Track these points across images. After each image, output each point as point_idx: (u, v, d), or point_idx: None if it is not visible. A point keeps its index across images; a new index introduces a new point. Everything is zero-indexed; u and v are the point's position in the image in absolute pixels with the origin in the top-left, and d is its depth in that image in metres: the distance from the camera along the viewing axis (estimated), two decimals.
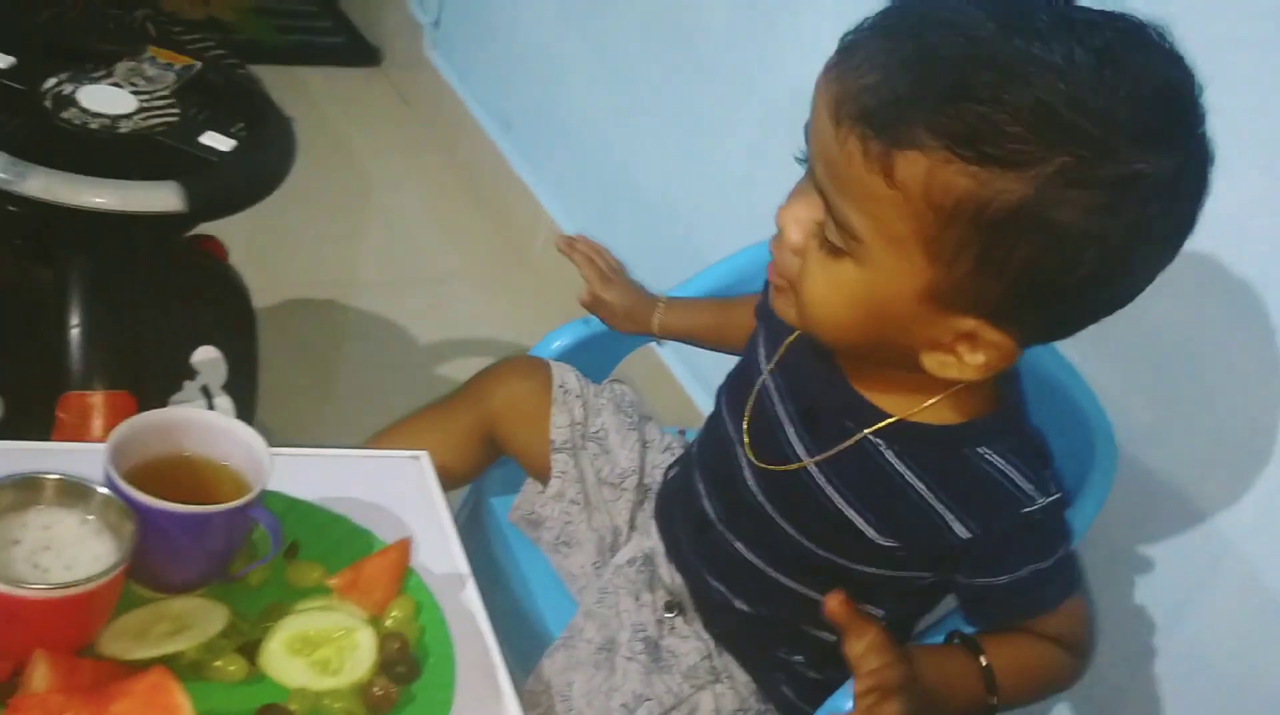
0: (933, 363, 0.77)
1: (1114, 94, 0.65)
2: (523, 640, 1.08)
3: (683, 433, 1.19)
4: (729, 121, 1.62)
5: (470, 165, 2.29)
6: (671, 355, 1.76)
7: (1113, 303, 0.74)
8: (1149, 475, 1.09)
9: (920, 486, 0.84)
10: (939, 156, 0.67)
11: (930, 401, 0.83)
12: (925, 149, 0.67)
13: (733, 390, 0.99)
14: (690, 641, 1.00)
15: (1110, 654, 1.15)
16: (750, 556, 0.95)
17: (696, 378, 1.71)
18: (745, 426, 0.95)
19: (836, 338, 0.81)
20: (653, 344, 1.39)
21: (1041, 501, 0.83)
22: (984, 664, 0.85)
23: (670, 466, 1.11)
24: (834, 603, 0.78)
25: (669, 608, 1.02)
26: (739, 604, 0.98)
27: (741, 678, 1.00)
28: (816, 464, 0.88)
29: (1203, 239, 0.84)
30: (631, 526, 1.10)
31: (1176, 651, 1.09)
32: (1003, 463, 0.83)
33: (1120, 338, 1.11)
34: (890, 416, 0.85)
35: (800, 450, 0.90)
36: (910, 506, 0.84)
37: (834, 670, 0.99)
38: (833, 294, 0.76)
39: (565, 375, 1.12)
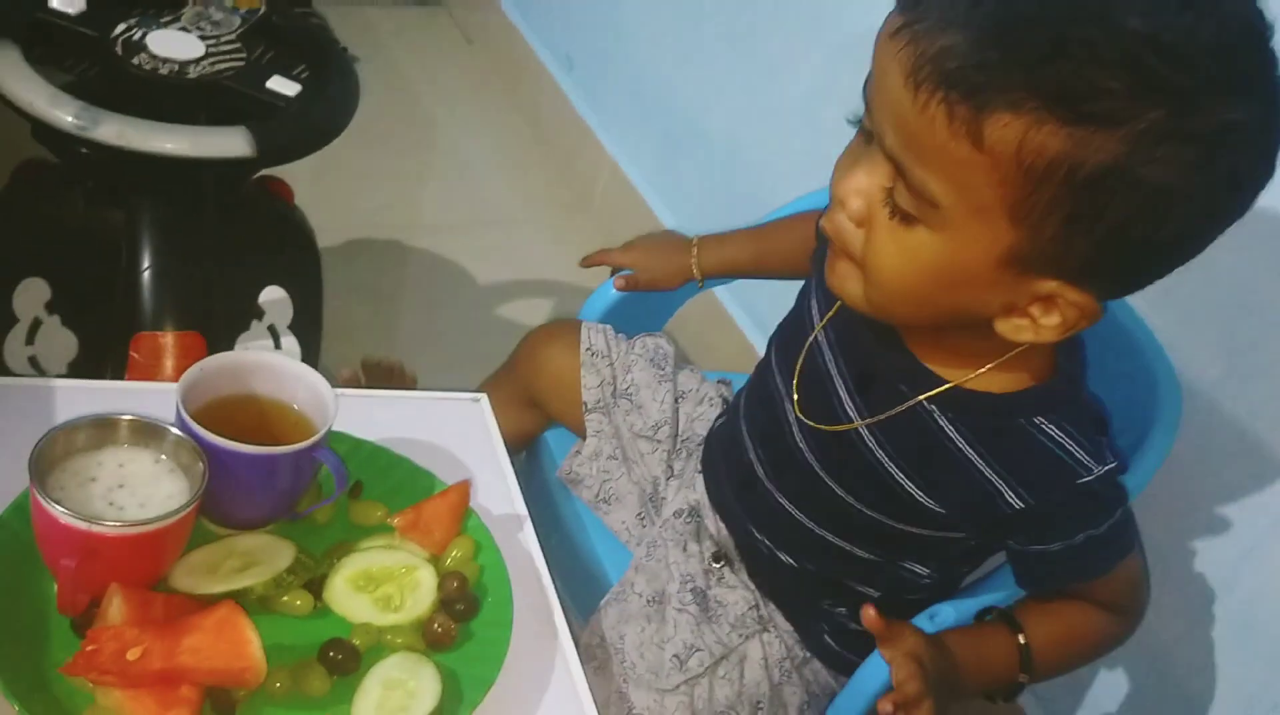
0: (1007, 328, 0.76)
1: (1201, 43, 0.63)
2: (581, 590, 1.10)
3: (726, 382, 1.19)
4: (794, 62, 1.60)
5: (533, 105, 2.28)
6: (730, 299, 1.75)
7: (1194, 253, 0.73)
8: (1214, 429, 1.07)
9: (973, 455, 0.83)
10: (1032, 118, 0.64)
11: (987, 367, 0.82)
12: (1019, 111, 0.64)
13: (783, 342, 0.99)
14: (738, 591, 1.01)
15: (1165, 608, 1.14)
16: (795, 513, 0.96)
17: (755, 322, 1.71)
18: (795, 382, 0.94)
19: (906, 312, 0.78)
20: (715, 292, 1.39)
21: (1097, 471, 0.82)
22: (1021, 642, 0.85)
23: (718, 417, 1.11)
24: (868, 616, 0.81)
25: (716, 558, 1.03)
26: (783, 557, 0.99)
27: (785, 627, 1.01)
28: (867, 426, 0.88)
29: (1276, 185, 0.82)
30: (670, 475, 1.10)
31: (1233, 608, 1.08)
32: (1058, 433, 0.82)
33: (1189, 287, 1.07)
34: (946, 382, 0.83)
35: (852, 412, 0.89)
36: (962, 474, 0.84)
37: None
38: (905, 264, 0.73)
39: (594, 336, 1.13)
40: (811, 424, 0.92)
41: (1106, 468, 0.82)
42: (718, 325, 1.75)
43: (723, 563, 1.02)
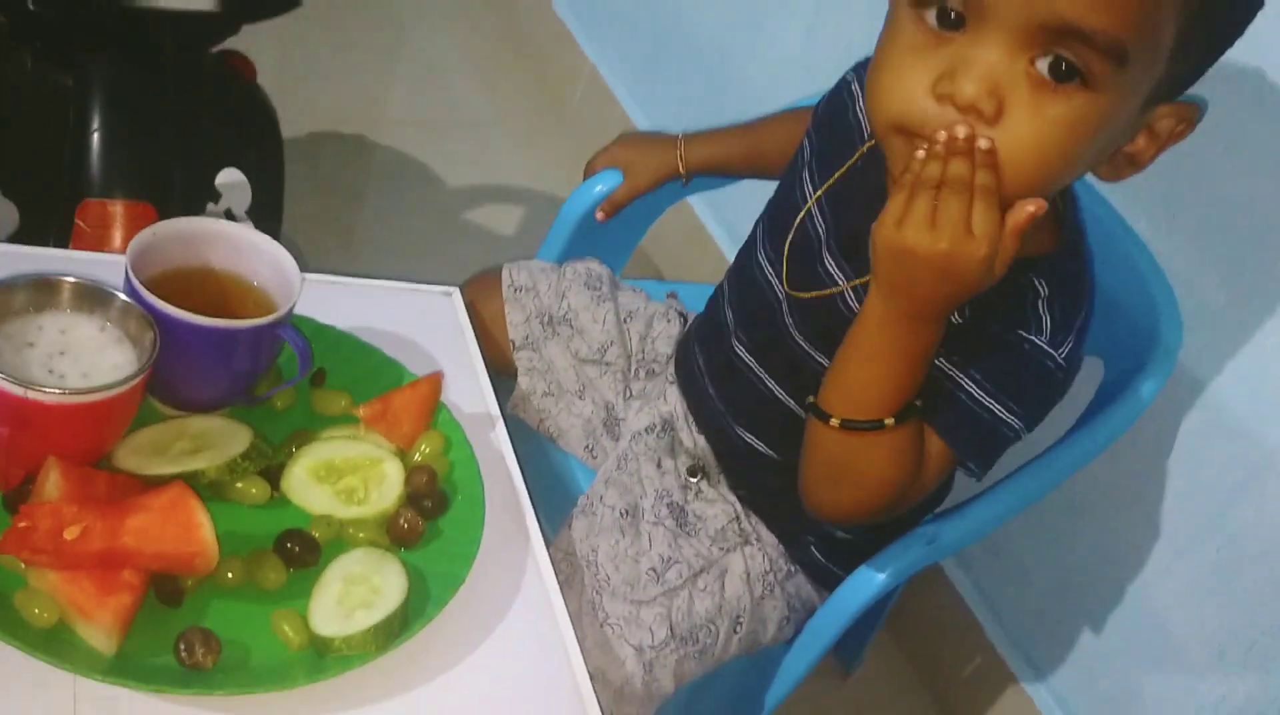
0: (1109, 171, 0.76)
1: None
2: (545, 501, 1.05)
3: (673, 294, 1.14)
4: None
5: (509, 4, 2.19)
6: (706, 212, 1.70)
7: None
8: (1213, 360, 1.05)
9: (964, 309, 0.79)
10: None
11: None
12: None
13: (772, 219, 0.95)
14: (717, 505, 0.98)
15: (1150, 539, 1.13)
16: (780, 395, 0.93)
17: (731, 235, 1.66)
18: (785, 257, 0.91)
19: (1039, 188, 0.71)
20: (690, 202, 1.34)
21: (1041, 341, 0.78)
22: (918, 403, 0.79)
23: (693, 322, 1.07)
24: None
25: (692, 472, 0.99)
26: (765, 450, 0.96)
27: (769, 539, 0.98)
28: (852, 289, 0.85)
29: None
30: (628, 396, 1.06)
31: (1219, 544, 1.07)
32: (1040, 288, 0.79)
33: (1195, 212, 1.05)
34: None
35: (838, 276, 0.86)
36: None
37: (865, 530, 0.97)
38: (1061, 135, 0.68)
39: (516, 274, 1.08)
40: (797, 294, 0.89)
41: (1049, 348, 0.78)
42: (694, 238, 1.70)
43: (699, 476, 0.99)
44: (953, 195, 0.68)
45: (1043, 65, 0.67)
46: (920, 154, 0.69)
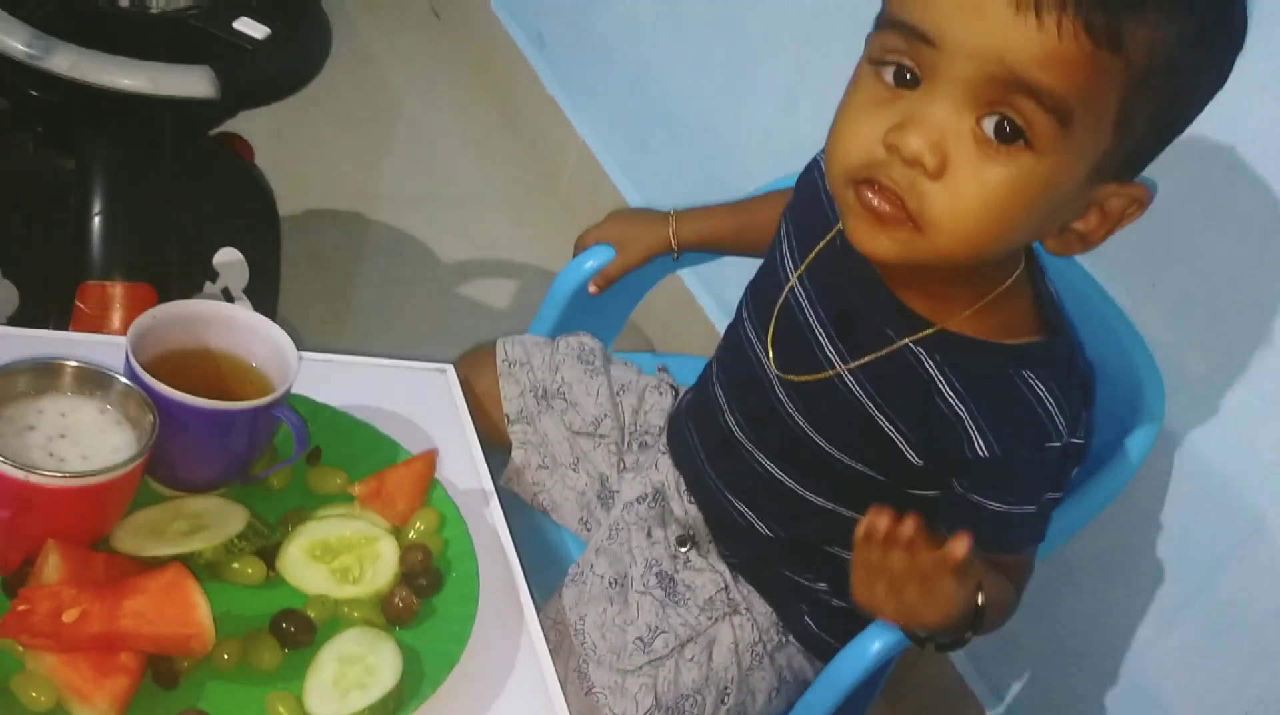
0: (1057, 245, 0.78)
1: None
2: (536, 573, 1.06)
3: (663, 368, 1.16)
4: (773, 44, 1.57)
5: (502, 83, 2.24)
6: (697, 285, 1.73)
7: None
8: (1196, 428, 1.06)
9: (953, 397, 0.82)
10: (1161, 14, 0.67)
11: (970, 310, 0.82)
12: (1170, 15, 0.67)
13: (756, 298, 0.97)
14: (705, 574, 0.99)
15: (1137, 610, 1.13)
16: (776, 472, 0.94)
17: (722, 307, 1.68)
18: (770, 336, 0.93)
19: (977, 249, 0.75)
20: (680, 276, 1.36)
21: (1066, 440, 0.81)
22: (980, 603, 0.82)
23: (683, 396, 1.08)
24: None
25: (681, 541, 1.00)
26: (763, 526, 0.96)
27: (761, 608, 0.99)
28: (850, 371, 0.86)
29: (1271, 180, 0.80)
30: (622, 468, 1.07)
31: (1209, 611, 1.07)
32: (1044, 390, 0.81)
33: (1175, 282, 1.07)
34: (932, 325, 0.82)
35: (834, 357, 0.87)
36: (937, 415, 0.83)
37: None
38: (1001, 195, 0.71)
39: (510, 348, 1.10)
40: (791, 377, 0.90)
41: (1074, 441, 0.82)
42: (684, 311, 1.72)
43: (689, 546, 1.00)
44: (905, 580, 0.74)
45: (988, 125, 0.70)
46: (861, 532, 0.74)
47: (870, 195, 0.73)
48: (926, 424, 0.84)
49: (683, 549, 1.00)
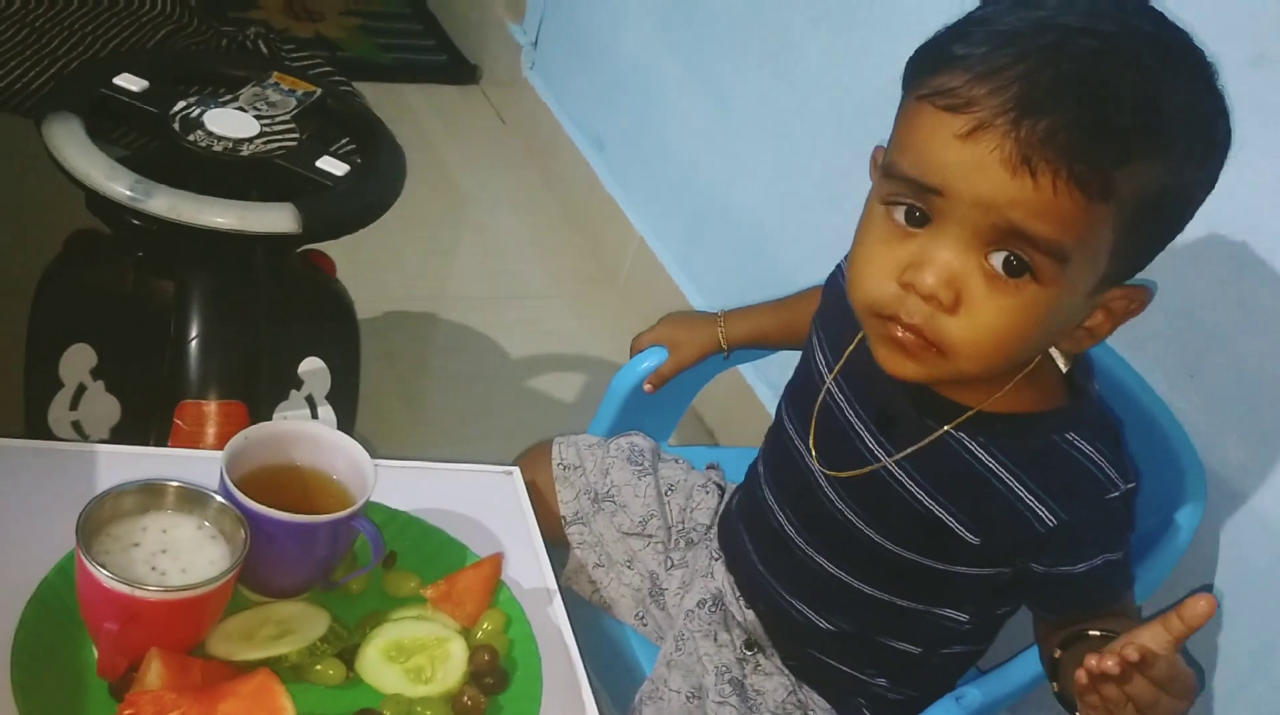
0: (1070, 344, 0.83)
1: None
2: (610, 675, 1.10)
3: (714, 466, 1.20)
4: (818, 143, 1.63)
5: (564, 184, 2.33)
6: (753, 376, 1.77)
7: None
8: (1238, 512, 1.07)
9: (1007, 476, 0.85)
10: (1149, 163, 0.72)
11: (1004, 390, 0.85)
12: (1142, 161, 0.72)
13: (795, 401, 1.01)
14: (775, 678, 1.01)
15: None
16: (832, 569, 0.96)
17: (776, 394, 1.72)
18: (812, 437, 0.96)
19: (997, 367, 0.81)
20: (738, 367, 1.40)
21: (1123, 488, 0.85)
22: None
23: (730, 496, 1.12)
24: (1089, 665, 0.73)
25: (748, 645, 1.03)
26: (822, 622, 0.99)
27: (823, 705, 1.01)
28: (896, 462, 0.90)
29: None
30: (670, 565, 1.10)
31: (1261, 694, 1.07)
32: (1090, 449, 0.85)
33: (1212, 372, 1.10)
34: (969, 408, 0.86)
35: (878, 452, 0.91)
36: (996, 497, 0.86)
37: (915, 689, 1.00)
38: (1011, 323, 0.76)
39: (564, 451, 1.15)
40: (837, 474, 0.94)
41: (1129, 486, 0.85)
42: (742, 401, 1.77)
43: (755, 650, 1.03)
44: (1154, 697, 0.71)
45: (996, 260, 0.75)
46: (1082, 676, 0.72)
47: (895, 328, 0.79)
48: (984, 506, 0.87)
49: (749, 652, 1.02)
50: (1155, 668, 0.69)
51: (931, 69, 0.76)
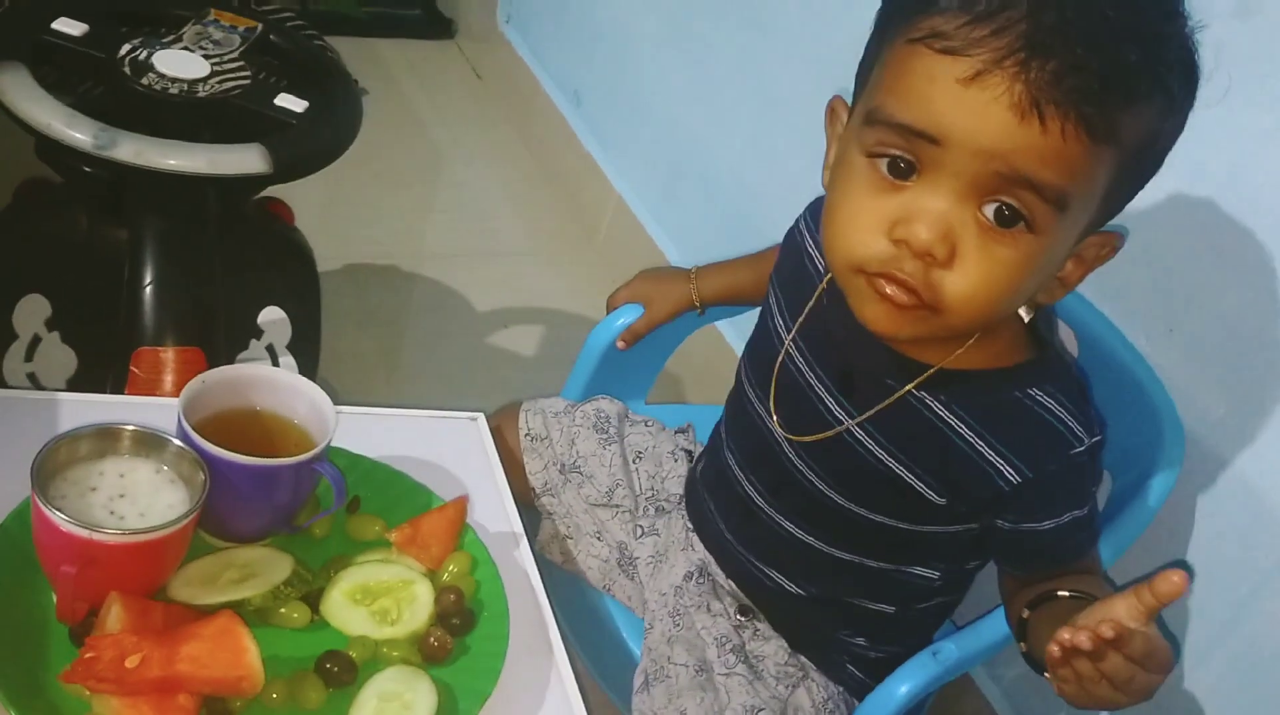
0: (1044, 296, 0.81)
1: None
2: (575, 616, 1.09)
3: (683, 430, 1.18)
4: (800, 98, 1.62)
5: (540, 140, 2.30)
6: (732, 334, 1.76)
7: None
8: (1216, 469, 1.07)
9: (969, 434, 0.84)
10: (1147, 105, 0.71)
11: (966, 346, 0.84)
12: (1144, 103, 0.71)
13: (754, 364, 0.99)
14: (772, 641, 1.00)
15: (1170, 645, 1.14)
16: (799, 533, 0.95)
17: None
18: (773, 399, 0.95)
19: (985, 321, 0.79)
20: (716, 325, 1.39)
21: (1088, 442, 0.83)
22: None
23: (695, 463, 1.10)
24: (1052, 653, 0.71)
25: (742, 612, 1.02)
26: (792, 587, 0.98)
27: (812, 667, 1.00)
28: (858, 425, 0.88)
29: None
30: (640, 534, 1.08)
31: (1236, 649, 1.07)
32: (1054, 404, 0.83)
33: (1192, 326, 1.09)
34: (929, 366, 0.85)
35: (840, 414, 0.90)
36: (959, 455, 0.84)
37: (894, 644, 1.00)
38: (1009, 274, 0.74)
39: (531, 420, 1.13)
40: (799, 438, 0.92)
41: (1095, 440, 0.84)
42: (720, 358, 1.76)
43: (750, 615, 1.01)
44: (1129, 672, 0.70)
45: (989, 210, 0.73)
46: (1055, 651, 0.70)
47: (885, 285, 0.76)
48: (948, 465, 0.86)
49: (744, 619, 1.01)
50: (1131, 644, 0.68)
51: (920, 8, 0.72)
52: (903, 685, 0.94)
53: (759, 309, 1.23)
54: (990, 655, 1.00)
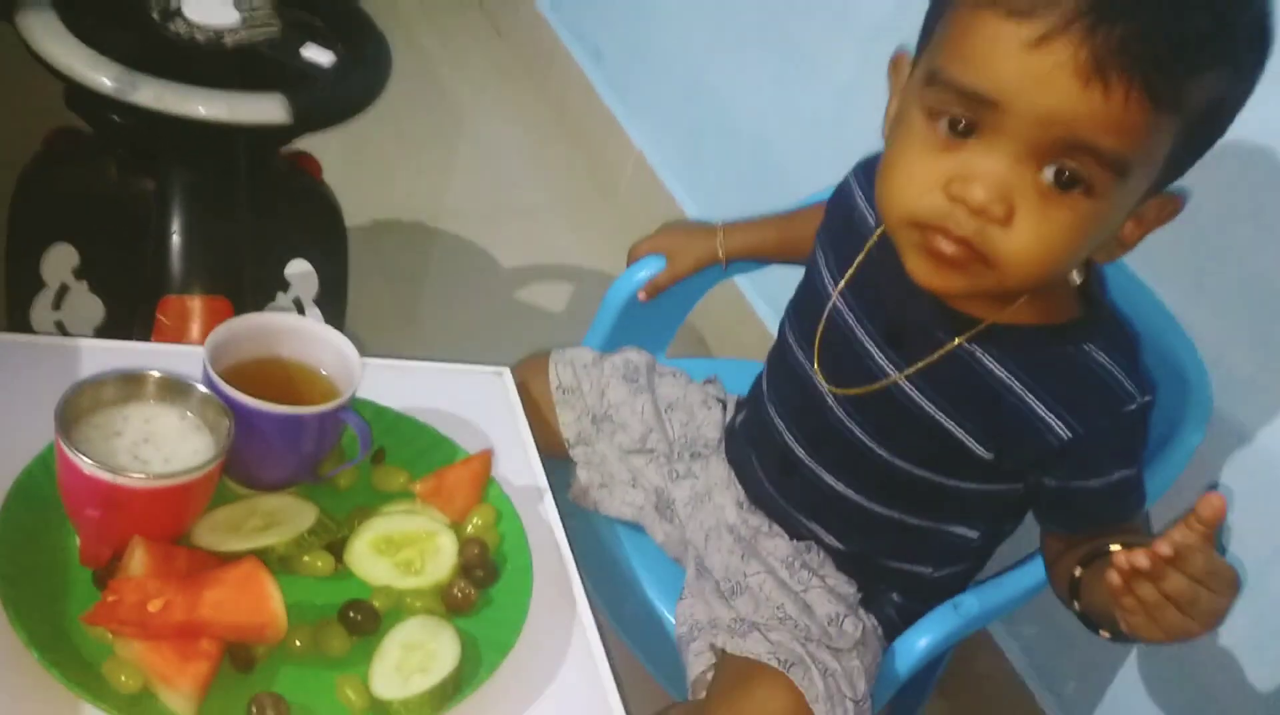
0: (1102, 256, 0.81)
1: None
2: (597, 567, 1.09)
3: (711, 380, 1.17)
4: (825, 56, 1.59)
5: (560, 96, 2.28)
6: (750, 289, 1.75)
7: None
8: (1242, 428, 1.06)
9: (1020, 388, 0.84)
10: (1214, 73, 0.70)
11: (1018, 302, 0.83)
12: (1209, 71, 0.69)
13: (799, 319, 0.99)
14: (828, 564, 0.99)
15: None
16: (842, 488, 0.95)
17: (775, 311, 1.70)
18: (817, 354, 0.94)
19: (1041, 280, 0.78)
20: (736, 282, 1.38)
21: (1140, 400, 0.83)
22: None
23: (736, 413, 1.10)
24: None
25: (797, 536, 1.00)
26: (832, 542, 0.98)
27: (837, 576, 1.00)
28: (906, 378, 0.88)
29: None
30: (676, 477, 1.08)
31: (1263, 609, 1.07)
32: (1106, 360, 0.83)
33: (1221, 284, 1.08)
34: (981, 321, 0.84)
35: (887, 367, 0.89)
36: (1009, 410, 0.84)
37: (923, 602, 0.99)
38: (1065, 237, 0.74)
39: (561, 372, 1.12)
40: (844, 391, 0.92)
41: (1146, 399, 0.83)
42: (739, 315, 1.75)
43: (804, 539, 1.00)
44: (1193, 593, 0.69)
45: (1048, 174, 0.72)
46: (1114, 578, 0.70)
47: (938, 241, 0.76)
48: (997, 420, 0.85)
49: (800, 541, 1.00)
50: (1191, 562, 0.67)
51: None
52: (923, 637, 0.94)
53: (782, 266, 1.23)
54: (1010, 610, 1.00)
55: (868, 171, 0.97)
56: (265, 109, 1.03)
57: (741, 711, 0.87)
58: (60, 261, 1.21)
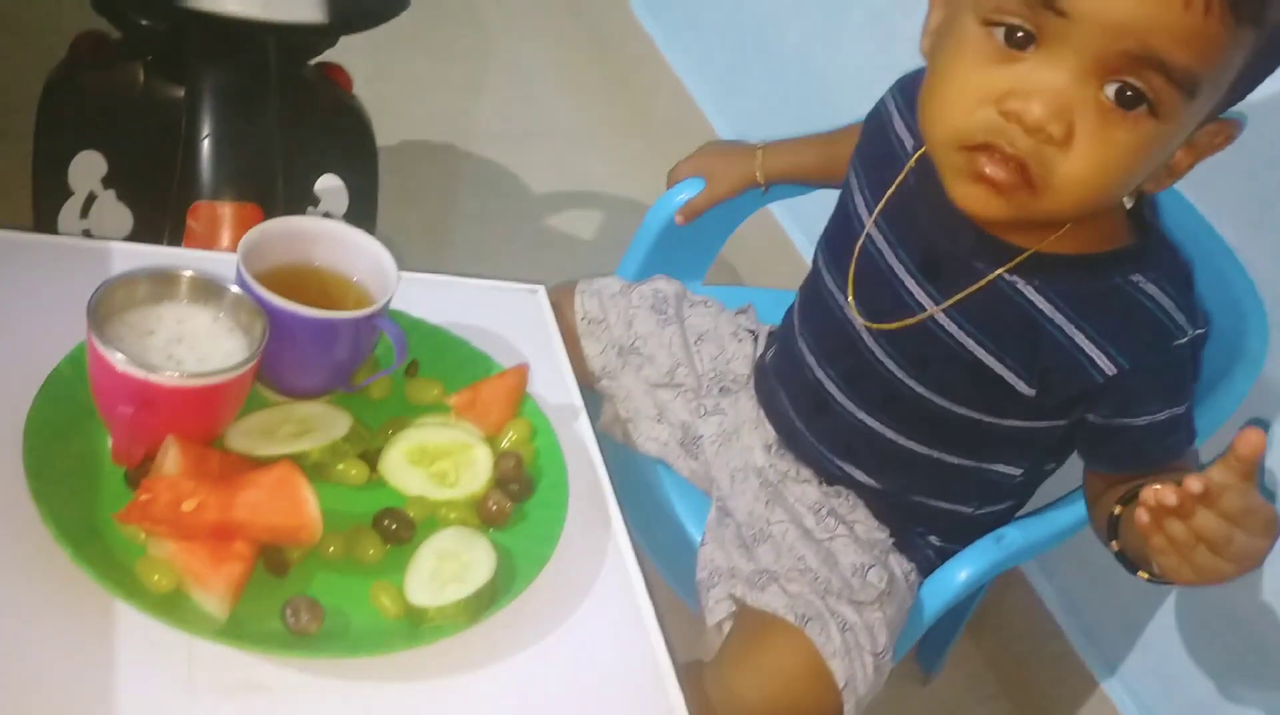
0: (1151, 184, 0.77)
1: None
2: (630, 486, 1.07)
3: (744, 310, 1.14)
4: None
5: (595, 18, 2.24)
6: (788, 220, 1.72)
7: None
8: None
9: (1063, 321, 0.80)
10: None
11: (1061, 231, 0.79)
12: None
13: (832, 249, 0.95)
14: (859, 508, 0.97)
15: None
16: (877, 426, 0.92)
17: (810, 239, 1.67)
18: (851, 286, 0.91)
19: (1094, 207, 0.74)
20: (771, 208, 1.34)
21: (1191, 333, 0.79)
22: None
23: (767, 348, 1.07)
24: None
25: (828, 481, 0.98)
26: (866, 480, 0.96)
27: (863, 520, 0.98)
28: (945, 311, 0.85)
29: None
30: (703, 413, 1.05)
31: None
32: (1157, 291, 0.79)
33: None
34: (1023, 250, 0.81)
35: (924, 300, 0.86)
36: (1051, 344, 0.81)
37: (961, 543, 0.97)
38: (1124, 159, 0.70)
39: (587, 303, 1.09)
40: (879, 326, 0.89)
41: (1198, 332, 0.80)
42: (775, 244, 1.72)
43: (834, 483, 0.99)
44: (1226, 533, 0.65)
45: (1110, 91, 0.69)
46: (1142, 515, 0.66)
47: (986, 163, 0.72)
48: (1039, 354, 0.82)
49: (830, 486, 0.98)
50: (1223, 501, 0.64)
51: None
52: (964, 569, 0.93)
53: (819, 192, 1.20)
54: (1054, 544, 0.98)
55: (905, 90, 0.93)
56: (302, 7, 1.00)
57: (759, 667, 0.86)
58: (88, 169, 1.18)
